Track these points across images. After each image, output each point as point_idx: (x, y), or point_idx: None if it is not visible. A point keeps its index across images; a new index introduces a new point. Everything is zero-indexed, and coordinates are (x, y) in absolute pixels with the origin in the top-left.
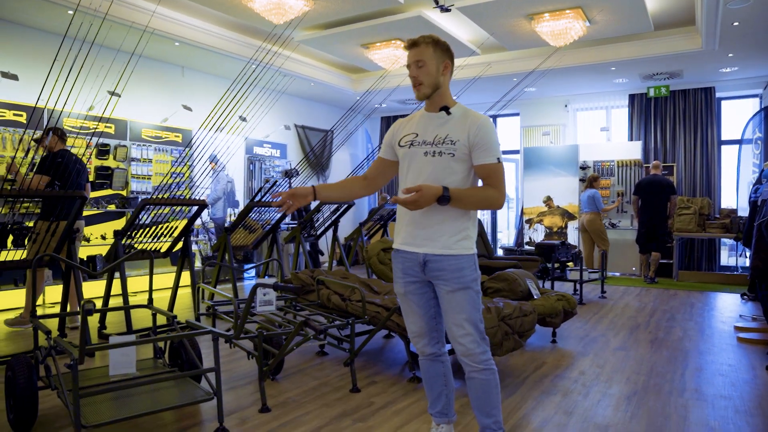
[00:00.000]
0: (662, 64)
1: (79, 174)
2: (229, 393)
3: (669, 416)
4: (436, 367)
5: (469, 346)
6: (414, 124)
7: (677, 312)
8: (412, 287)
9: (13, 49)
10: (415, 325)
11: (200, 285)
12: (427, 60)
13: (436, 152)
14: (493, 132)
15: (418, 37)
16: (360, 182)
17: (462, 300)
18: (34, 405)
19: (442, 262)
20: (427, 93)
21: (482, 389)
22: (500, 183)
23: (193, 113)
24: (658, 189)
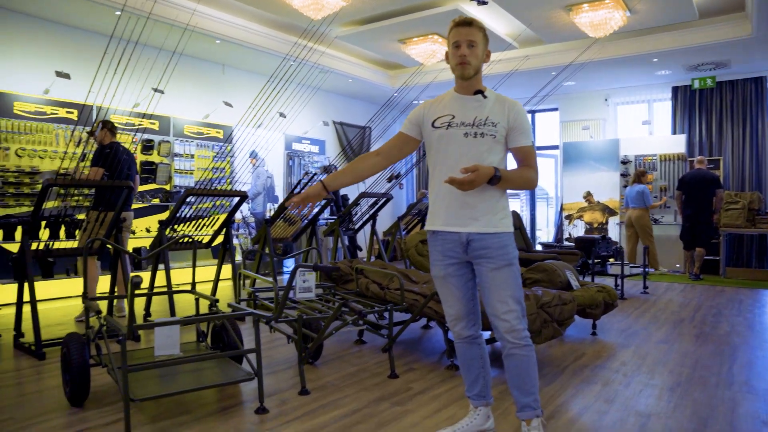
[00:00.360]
0: (708, 53)
1: (128, 165)
2: (269, 376)
3: (715, 408)
4: (473, 350)
5: (513, 323)
6: (447, 106)
7: (724, 308)
8: (452, 269)
9: (66, 49)
10: (453, 308)
11: (241, 271)
12: (479, 42)
13: (477, 133)
14: (527, 116)
15: (471, 18)
16: (372, 159)
17: (507, 276)
18: (86, 380)
19: (486, 240)
20: (471, 74)
21: (523, 366)
22: (536, 164)
23: (233, 110)
24: (703, 184)
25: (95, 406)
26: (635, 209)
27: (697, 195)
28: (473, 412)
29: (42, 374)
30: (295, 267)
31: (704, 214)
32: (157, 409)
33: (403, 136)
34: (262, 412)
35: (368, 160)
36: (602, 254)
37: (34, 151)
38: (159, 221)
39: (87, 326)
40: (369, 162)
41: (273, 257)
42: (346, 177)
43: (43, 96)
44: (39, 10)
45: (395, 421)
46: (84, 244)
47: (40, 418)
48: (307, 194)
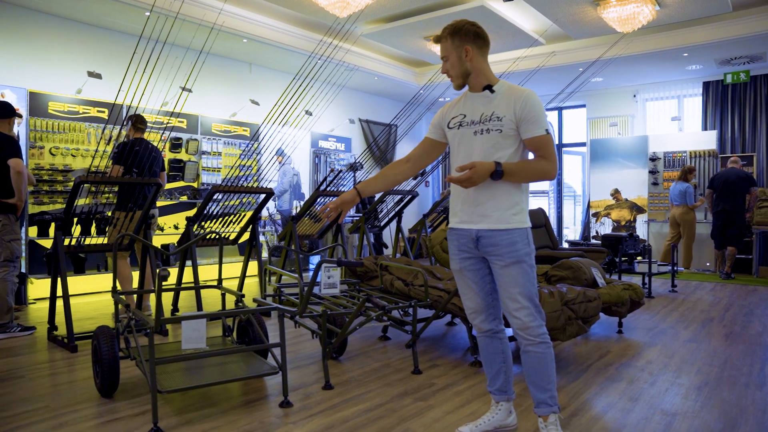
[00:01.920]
0: (741, 47)
1: (153, 162)
2: (294, 371)
3: (745, 409)
4: (495, 344)
5: (524, 320)
6: (461, 105)
7: (756, 307)
8: (467, 263)
9: (98, 50)
10: (472, 302)
11: (267, 266)
12: (448, 53)
13: (483, 130)
14: (538, 104)
15: (440, 32)
16: (402, 166)
17: (516, 274)
18: (116, 371)
19: (494, 237)
20: (459, 83)
21: (538, 363)
22: (551, 154)
23: (260, 108)
24: (737, 181)
25: (124, 398)
26: (678, 207)
27: (730, 193)
28: (495, 407)
29: (74, 366)
30: (319, 262)
31: (738, 213)
32: (184, 401)
33: (429, 140)
34: (286, 405)
35: (398, 167)
36: (629, 252)
37: (67, 150)
38: (186, 218)
39: (116, 320)
40: (399, 169)
41: (298, 254)
42: (378, 184)
43: (75, 96)
44: (72, 13)
45: (417, 417)
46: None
47: (72, 407)
48: (343, 200)
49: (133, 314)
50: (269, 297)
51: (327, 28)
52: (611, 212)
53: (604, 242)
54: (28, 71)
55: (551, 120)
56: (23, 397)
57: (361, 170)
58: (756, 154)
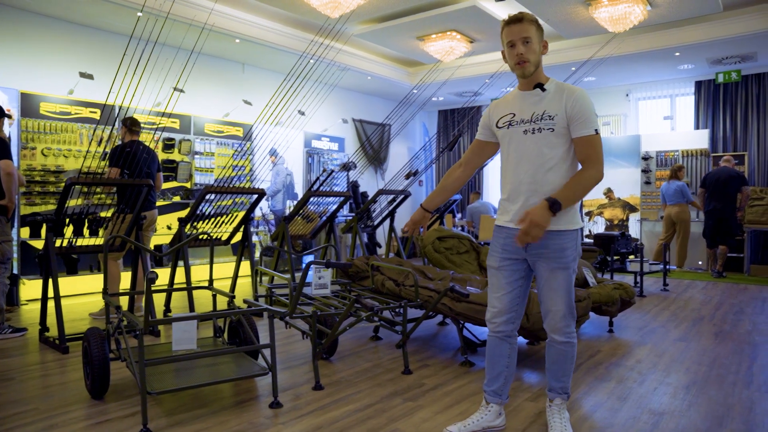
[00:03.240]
0: (733, 46)
1: (148, 163)
2: (284, 371)
3: (731, 407)
4: (503, 347)
5: (557, 322)
6: (510, 104)
7: (746, 306)
8: (506, 263)
9: (89, 50)
10: (499, 302)
11: (258, 268)
12: (533, 37)
13: (535, 129)
14: (589, 103)
15: (520, 13)
16: (457, 172)
17: (561, 279)
18: (106, 373)
19: (546, 239)
20: (532, 70)
21: (559, 357)
22: (597, 155)
23: (253, 108)
24: (728, 180)
25: (115, 399)
26: (674, 205)
27: (722, 192)
28: (485, 408)
29: (65, 367)
30: (308, 263)
31: (729, 212)
32: (175, 403)
33: (479, 142)
34: (276, 406)
35: (454, 174)
36: (621, 251)
37: (59, 151)
38: (178, 219)
39: (107, 321)
40: (455, 175)
41: (291, 254)
42: (440, 195)
43: (67, 96)
44: (63, 13)
45: (407, 417)
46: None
47: (62, 409)
48: (414, 221)
49: (123, 316)
50: (261, 298)
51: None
52: (604, 211)
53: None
54: (20, 72)
55: None
56: (13, 399)
57: (354, 170)
58: (747, 153)
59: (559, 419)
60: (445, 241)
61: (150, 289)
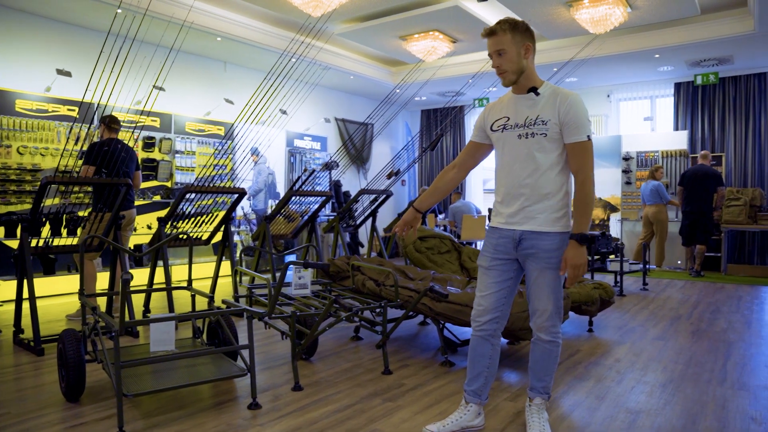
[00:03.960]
0: (710, 49)
1: (125, 162)
2: (264, 372)
3: (705, 404)
4: (485, 347)
5: (543, 321)
6: (504, 108)
7: (723, 305)
8: (496, 263)
9: (67, 47)
10: (486, 300)
11: (238, 268)
12: (507, 47)
13: (528, 134)
14: (583, 109)
15: (494, 25)
16: (451, 173)
17: (549, 280)
18: (81, 375)
19: (537, 240)
20: (513, 79)
21: (542, 355)
22: (589, 163)
23: (235, 106)
24: (704, 180)
25: (90, 402)
26: (652, 205)
27: (698, 191)
28: (464, 408)
29: (40, 370)
30: (286, 264)
31: (705, 211)
32: (153, 405)
33: (474, 144)
34: (254, 407)
35: (448, 175)
36: (602, 251)
37: (36, 149)
38: (158, 218)
39: (83, 323)
40: (449, 176)
41: (272, 254)
42: (432, 196)
43: (44, 94)
44: (40, 8)
45: (386, 417)
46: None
47: (36, 413)
48: (405, 221)
49: (99, 317)
50: (241, 298)
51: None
52: None
53: None
54: None
55: None
56: None
57: (336, 169)
58: (725, 155)
59: (538, 419)
60: (427, 240)
61: (127, 289)
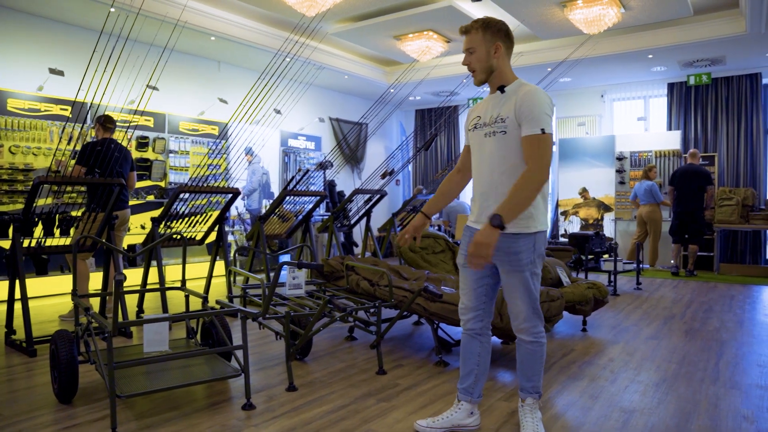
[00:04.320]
0: (703, 50)
1: (119, 162)
2: (258, 372)
3: (698, 403)
4: (474, 345)
5: (519, 322)
6: (479, 107)
7: (715, 304)
8: None
9: (60, 46)
10: (466, 298)
11: (231, 268)
12: (477, 46)
13: (491, 132)
14: (538, 101)
15: (469, 24)
16: (456, 177)
17: (516, 282)
18: (74, 377)
19: (501, 242)
20: (482, 78)
21: (528, 357)
22: (539, 155)
23: (229, 106)
24: (694, 178)
25: (83, 403)
26: (645, 205)
27: (688, 190)
28: (456, 405)
29: (32, 371)
30: (280, 264)
31: (695, 210)
32: (146, 406)
33: (467, 147)
34: (248, 408)
35: (453, 179)
36: (596, 250)
37: (28, 149)
38: (152, 218)
39: (76, 323)
40: (454, 180)
41: (266, 254)
42: (440, 201)
43: (36, 93)
44: (32, 7)
45: (380, 417)
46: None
47: (28, 414)
48: (414, 227)
49: (92, 317)
50: (235, 298)
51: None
52: (579, 211)
53: (571, 240)
54: None
55: None
56: None
57: (330, 168)
58: (717, 155)
59: (531, 419)
60: (421, 240)
61: (120, 290)
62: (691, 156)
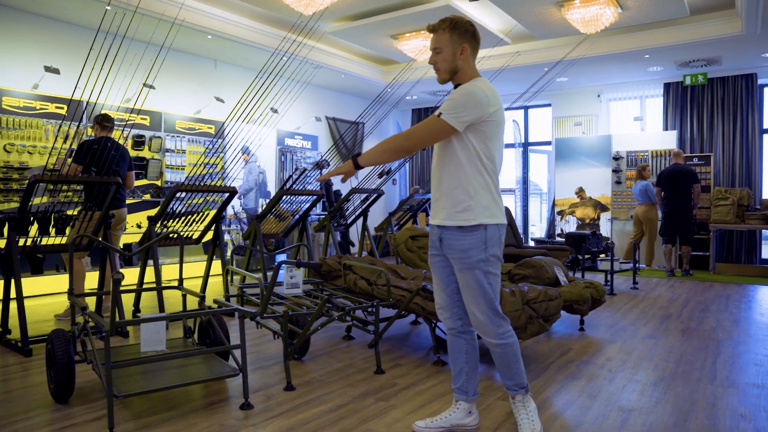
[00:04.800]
0: (699, 50)
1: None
2: (256, 372)
3: (696, 402)
4: (458, 343)
5: (479, 322)
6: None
7: (711, 303)
8: (435, 259)
9: (55, 44)
10: (438, 297)
11: (229, 267)
12: (444, 46)
13: None
14: (460, 94)
15: (436, 23)
16: None
17: (469, 280)
18: (71, 376)
19: (450, 239)
20: (445, 78)
21: (501, 359)
22: (415, 128)
23: (225, 105)
24: (680, 178)
25: (80, 403)
26: (641, 205)
27: (675, 190)
28: (454, 405)
29: (28, 371)
30: (278, 263)
31: (683, 209)
32: (143, 406)
33: None
34: (246, 407)
35: None
36: (592, 250)
37: (23, 147)
38: (148, 217)
39: (72, 323)
40: None
41: (263, 253)
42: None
43: (32, 91)
44: (28, 5)
45: (379, 417)
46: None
47: (23, 415)
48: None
49: (89, 317)
50: (233, 297)
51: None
52: (576, 210)
53: (568, 240)
54: None
55: (517, 118)
56: None
57: (327, 168)
58: (713, 155)
59: (525, 414)
60: (418, 239)
61: (117, 289)
62: (675, 156)
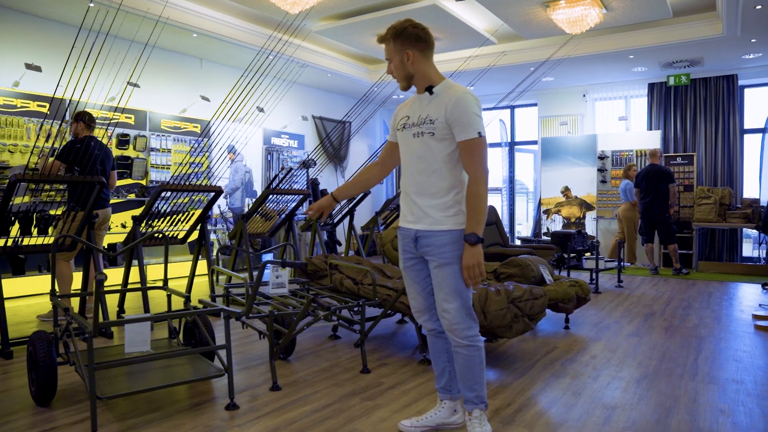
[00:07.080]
0: (682, 51)
1: (101, 161)
2: (241, 372)
3: (678, 399)
4: (439, 344)
5: (451, 320)
6: (409, 107)
7: (694, 301)
8: (410, 263)
9: (37, 41)
10: (415, 301)
11: (214, 267)
12: (392, 55)
13: (419, 133)
14: (470, 105)
15: (383, 33)
16: (374, 170)
17: (446, 275)
18: (53, 378)
19: (430, 238)
20: (404, 85)
21: (465, 364)
22: (478, 161)
23: (211, 104)
24: (657, 178)
25: (62, 405)
26: (623, 204)
27: (652, 190)
28: (439, 404)
29: (8, 374)
30: (263, 263)
31: (661, 209)
32: (128, 407)
33: (389, 143)
34: (232, 408)
35: (371, 171)
36: (578, 249)
37: (4, 146)
38: (133, 217)
39: (55, 324)
40: (372, 172)
41: (248, 253)
42: (352, 189)
43: (12, 89)
44: (8, 1)
45: (364, 416)
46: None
47: (4, 419)
48: (320, 206)
49: (71, 317)
50: (218, 297)
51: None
52: (561, 209)
53: (553, 239)
54: None
55: (503, 118)
56: None
57: (314, 167)
58: (696, 154)
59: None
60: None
61: (101, 290)
62: (652, 156)
